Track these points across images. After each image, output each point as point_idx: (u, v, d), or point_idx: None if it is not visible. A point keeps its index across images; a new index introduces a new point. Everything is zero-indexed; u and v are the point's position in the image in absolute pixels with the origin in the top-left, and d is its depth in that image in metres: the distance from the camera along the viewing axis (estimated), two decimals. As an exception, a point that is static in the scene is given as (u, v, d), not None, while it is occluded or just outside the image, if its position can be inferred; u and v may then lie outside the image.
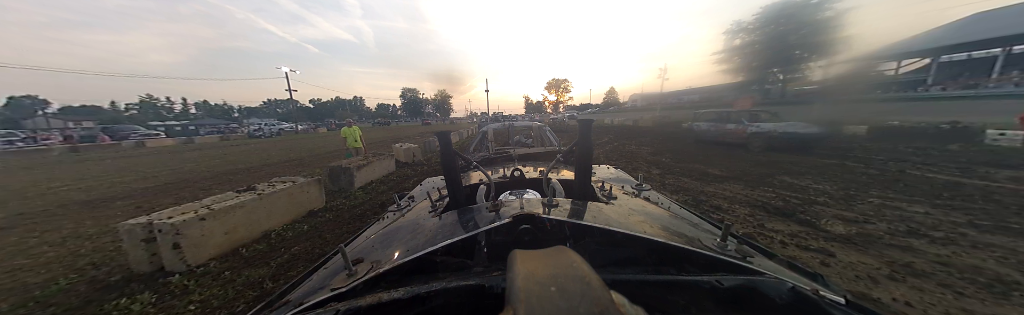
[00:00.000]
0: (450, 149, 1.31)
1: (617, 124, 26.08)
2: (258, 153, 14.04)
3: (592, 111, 78.60)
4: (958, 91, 21.24)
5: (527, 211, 0.91)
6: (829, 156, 7.48)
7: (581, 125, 1.22)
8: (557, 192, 1.39)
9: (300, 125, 44.15)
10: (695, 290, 0.65)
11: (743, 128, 9.22)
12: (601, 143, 12.67)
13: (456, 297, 0.65)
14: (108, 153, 16.55)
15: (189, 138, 25.53)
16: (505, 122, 4.54)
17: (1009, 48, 22.28)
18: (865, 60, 14.63)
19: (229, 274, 2.75)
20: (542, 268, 0.44)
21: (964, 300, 2.05)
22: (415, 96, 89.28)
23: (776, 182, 5.24)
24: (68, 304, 2.41)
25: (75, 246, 3.63)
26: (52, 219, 4.73)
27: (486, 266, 0.86)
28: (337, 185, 5.90)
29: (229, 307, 2.27)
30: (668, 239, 0.80)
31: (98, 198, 6.03)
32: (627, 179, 2.15)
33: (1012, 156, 6.56)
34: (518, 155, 2.98)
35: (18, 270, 3.05)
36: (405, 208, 1.60)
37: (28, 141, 23.19)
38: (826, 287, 0.75)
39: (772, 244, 2.93)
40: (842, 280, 2.31)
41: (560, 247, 0.54)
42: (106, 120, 50.68)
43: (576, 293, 0.37)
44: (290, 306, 0.73)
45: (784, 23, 27.60)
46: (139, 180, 7.87)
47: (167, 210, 3.05)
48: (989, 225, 3.19)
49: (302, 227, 3.88)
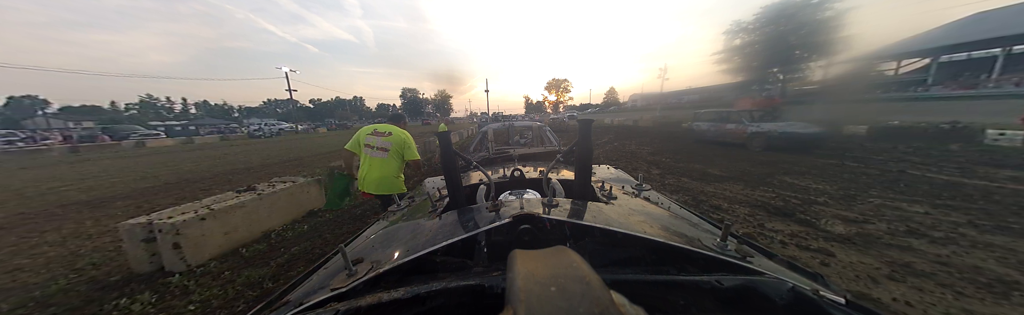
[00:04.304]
0: (450, 149, 1.31)
1: (617, 124, 26.07)
2: (258, 153, 14.04)
3: (592, 111, 78.63)
4: (958, 91, 21.25)
5: (527, 211, 0.91)
6: (829, 156, 7.48)
7: (581, 125, 1.22)
8: (557, 192, 1.39)
9: (300, 125, 44.15)
10: (695, 290, 0.65)
11: (743, 128, 9.22)
12: (601, 143, 12.67)
13: (456, 297, 0.65)
14: (108, 153, 16.55)
15: (189, 138, 25.52)
16: (505, 122, 4.54)
17: (1009, 48, 22.29)
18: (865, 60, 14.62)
19: (229, 274, 2.75)
20: (542, 268, 0.44)
21: (964, 300, 2.05)
22: (415, 96, 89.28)
23: (776, 182, 5.24)
24: (68, 304, 2.41)
25: (75, 246, 3.63)
26: (52, 219, 4.73)
27: (486, 266, 0.86)
28: (337, 185, 5.90)
29: (229, 307, 2.27)
30: (668, 239, 0.80)
31: (98, 198, 6.03)
32: (627, 179, 2.15)
33: (1012, 156, 6.56)
34: (518, 155, 2.98)
35: (18, 270, 3.05)
36: (405, 208, 1.60)
37: (28, 141, 23.19)
38: (826, 287, 0.75)
39: (772, 244, 2.93)
40: (842, 280, 2.31)
41: (560, 247, 0.54)
42: (106, 120, 50.67)
43: (576, 293, 0.37)
44: (290, 306, 0.73)
45: (784, 23, 27.56)
46: (139, 180, 7.87)
47: (167, 210, 3.05)
48: (989, 225, 3.19)
49: (302, 227, 3.88)
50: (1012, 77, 20.89)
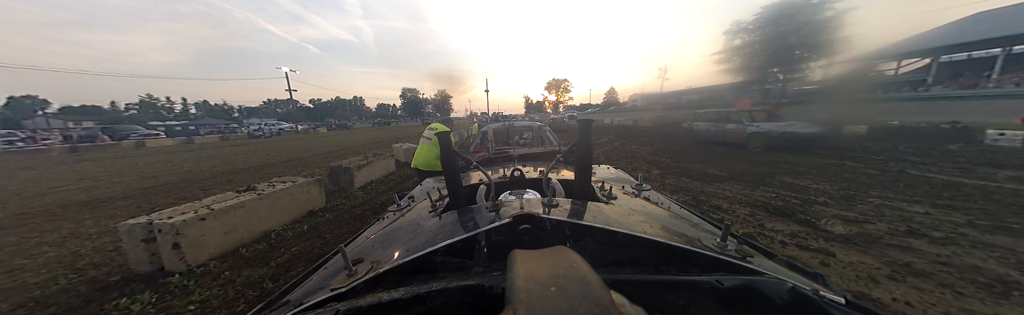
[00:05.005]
0: (450, 149, 1.30)
1: (617, 124, 26.09)
2: (258, 153, 14.04)
3: (592, 111, 78.59)
4: (958, 91, 21.25)
5: (527, 211, 0.90)
6: (829, 156, 7.49)
7: (581, 125, 1.21)
8: (557, 192, 1.39)
9: (300, 125, 44.15)
10: (695, 290, 0.64)
11: (743, 128, 9.23)
12: (601, 143, 12.67)
13: (456, 297, 0.65)
14: (108, 153, 16.55)
15: (189, 138, 25.50)
16: (505, 122, 4.54)
17: (1009, 48, 22.29)
18: (865, 60, 14.63)
19: (229, 274, 2.75)
20: (542, 268, 0.44)
21: (964, 300, 2.05)
22: (415, 96, 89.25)
23: (776, 182, 5.24)
24: (68, 304, 2.41)
25: (75, 246, 3.63)
26: (52, 219, 4.73)
27: (486, 266, 0.86)
28: (337, 185, 5.90)
29: (229, 307, 2.27)
30: (668, 239, 0.79)
31: (98, 198, 6.03)
32: (627, 179, 2.14)
33: (1012, 156, 6.56)
34: (518, 155, 2.98)
35: (18, 270, 3.05)
36: (405, 208, 1.60)
37: (28, 141, 23.15)
38: (826, 287, 0.75)
39: (772, 244, 2.94)
40: (842, 280, 2.31)
41: (560, 247, 0.54)
42: (106, 120, 50.68)
43: (576, 293, 0.37)
44: (290, 306, 0.73)
45: (784, 23, 27.58)
46: (139, 180, 7.87)
47: (167, 210, 3.05)
48: (989, 225, 3.19)
49: (302, 227, 3.88)
50: (1012, 77, 20.90)
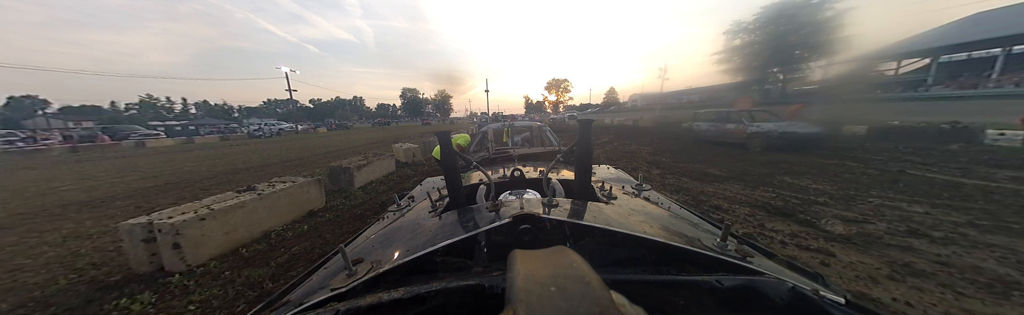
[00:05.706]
0: (450, 149, 1.31)
1: (617, 124, 26.07)
2: (258, 153, 14.03)
3: (592, 111, 78.59)
4: (958, 91, 21.26)
5: (527, 211, 0.90)
6: (829, 156, 7.48)
7: (581, 125, 1.21)
8: (557, 192, 1.39)
9: (300, 125, 44.13)
10: (695, 290, 0.64)
11: (743, 128, 9.22)
12: (601, 143, 12.67)
13: (456, 297, 0.65)
14: (108, 153, 16.55)
15: (189, 138, 25.52)
16: (505, 122, 4.55)
17: (1009, 48, 22.30)
18: (865, 60, 14.62)
19: (229, 274, 2.75)
20: (542, 268, 0.44)
21: (964, 300, 2.05)
22: (415, 96, 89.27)
23: (776, 182, 5.24)
24: (68, 304, 2.41)
25: (75, 246, 3.63)
26: (52, 219, 4.73)
27: (486, 266, 0.86)
28: (337, 185, 5.90)
29: (229, 307, 2.27)
30: (668, 239, 0.79)
31: (98, 198, 6.03)
32: (627, 179, 2.14)
33: (1012, 156, 6.56)
34: (518, 155, 2.97)
35: (18, 270, 3.05)
36: (405, 208, 1.60)
37: (28, 141, 23.15)
38: (826, 287, 0.75)
39: (772, 244, 2.93)
40: (842, 280, 2.31)
41: (560, 247, 0.54)
42: (106, 120, 50.62)
43: (576, 293, 0.37)
44: (290, 306, 0.73)
45: (784, 23, 27.63)
46: (139, 180, 7.87)
47: (167, 210, 3.05)
48: (989, 225, 3.19)
49: (302, 227, 3.88)
50: (1012, 77, 20.90)
